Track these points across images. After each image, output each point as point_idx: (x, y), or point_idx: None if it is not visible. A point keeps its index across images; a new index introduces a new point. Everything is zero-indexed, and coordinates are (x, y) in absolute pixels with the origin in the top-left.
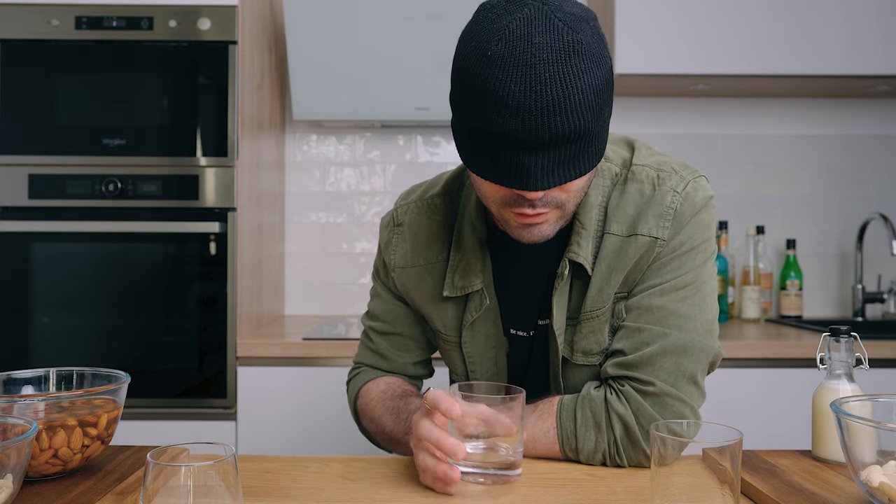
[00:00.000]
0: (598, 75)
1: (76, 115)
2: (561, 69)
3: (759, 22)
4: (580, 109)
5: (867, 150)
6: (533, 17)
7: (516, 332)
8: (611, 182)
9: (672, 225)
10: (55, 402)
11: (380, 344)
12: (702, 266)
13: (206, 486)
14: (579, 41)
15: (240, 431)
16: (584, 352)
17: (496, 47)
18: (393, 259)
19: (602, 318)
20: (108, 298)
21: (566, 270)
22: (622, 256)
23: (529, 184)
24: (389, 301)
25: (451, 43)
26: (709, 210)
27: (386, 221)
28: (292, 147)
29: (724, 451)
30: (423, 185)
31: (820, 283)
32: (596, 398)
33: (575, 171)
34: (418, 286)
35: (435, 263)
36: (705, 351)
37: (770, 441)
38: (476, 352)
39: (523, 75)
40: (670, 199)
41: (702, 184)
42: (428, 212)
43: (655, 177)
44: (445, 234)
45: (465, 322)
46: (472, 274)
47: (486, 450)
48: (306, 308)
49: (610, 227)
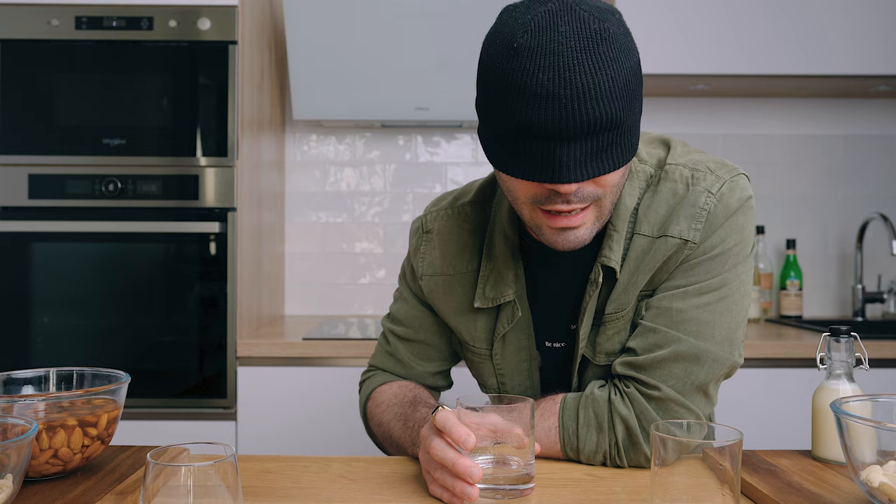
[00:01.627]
0: (627, 66)
1: (76, 115)
2: (589, 56)
3: (760, 21)
4: (610, 97)
5: (867, 150)
6: (558, 9)
7: (551, 344)
8: (645, 184)
9: (704, 227)
10: (55, 402)
11: (399, 349)
12: (732, 270)
13: (206, 486)
14: (606, 29)
15: (240, 431)
16: (608, 352)
17: (522, 39)
18: (421, 266)
19: (626, 318)
20: (108, 298)
21: (600, 277)
22: (650, 257)
23: (562, 176)
24: (415, 306)
25: (452, 43)
26: (745, 212)
27: (415, 227)
28: (292, 147)
29: (724, 451)
30: (455, 192)
31: (820, 283)
32: (599, 398)
33: (608, 163)
34: (447, 296)
35: (465, 273)
36: (720, 361)
37: (770, 441)
38: (507, 365)
39: (551, 63)
40: (704, 201)
41: (740, 183)
42: (459, 220)
43: (690, 176)
44: (476, 244)
45: (497, 334)
46: (504, 284)
47: (496, 464)
48: (306, 308)
49: (640, 228)
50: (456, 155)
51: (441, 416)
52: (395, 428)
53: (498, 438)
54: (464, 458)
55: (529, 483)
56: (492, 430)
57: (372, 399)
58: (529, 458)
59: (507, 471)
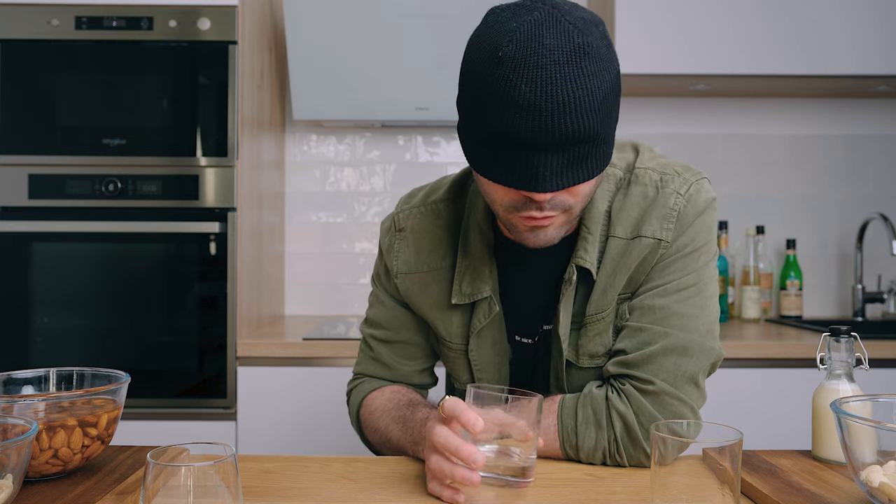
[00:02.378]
0: (607, 79)
1: (76, 115)
2: (572, 70)
3: (760, 21)
4: (590, 111)
5: (867, 150)
6: (543, 20)
7: (521, 338)
8: (615, 186)
9: (675, 227)
10: (55, 402)
11: (382, 352)
12: (704, 268)
13: (206, 486)
14: (589, 44)
15: (240, 431)
16: (591, 354)
17: (507, 48)
18: (396, 265)
19: (607, 320)
20: (108, 298)
21: (574, 276)
22: (626, 258)
23: (539, 185)
24: (392, 307)
25: (452, 43)
26: (711, 212)
27: (387, 226)
28: (292, 147)
29: (724, 451)
30: (424, 188)
31: (820, 283)
32: (597, 396)
33: (583, 173)
34: (422, 293)
35: (439, 270)
36: (706, 352)
37: (770, 441)
38: (483, 359)
39: (534, 76)
40: (673, 202)
41: (704, 186)
42: (432, 217)
43: (658, 179)
44: (450, 240)
45: (473, 329)
46: (480, 280)
47: (498, 453)
48: (306, 308)
49: (614, 231)
50: (456, 155)
51: (450, 403)
52: (393, 431)
53: (503, 432)
54: (467, 444)
55: (528, 476)
56: (497, 424)
57: (364, 406)
58: (531, 451)
59: (508, 461)
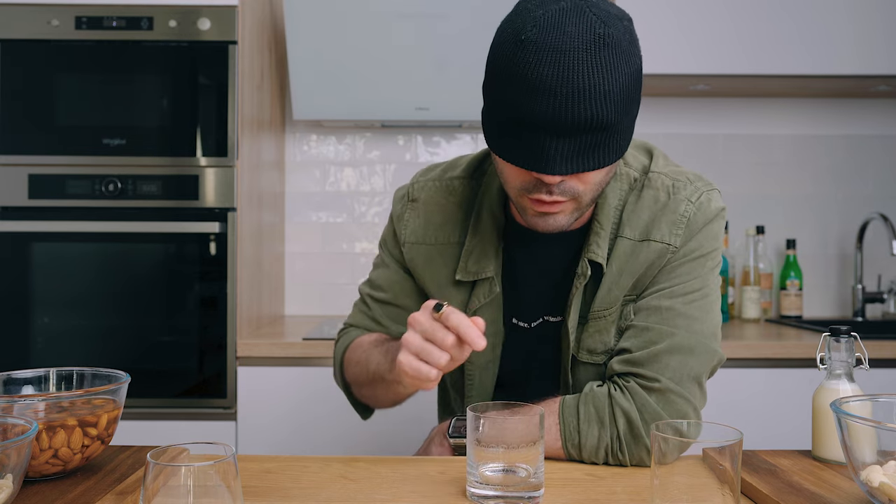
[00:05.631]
0: (626, 72)
1: (76, 115)
2: (590, 59)
3: (760, 21)
4: (605, 100)
5: (868, 150)
6: (568, 9)
7: (517, 322)
8: (628, 186)
9: (684, 232)
10: (55, 402)
11: (377, 311)
12: (710, 273)
13: (206, 486)
14: (610, 35)
15: (240, 431)
16: (589, 350)
17: (530, 32)
18: (404, 233)
19: (609, 319)
20: (108, 298)
21: (588, 270)
22: (633, 260)
23: (548, 167)
24: (396, 272)
25: (452, 43)
26: (719, 221)
27: (401, 195)
28: (292, 147)
29: (725, 451)
30: (443, 165)
31: (820, 283)
32: (599, 394)
33: (593, 161)
34: (426, 265)
35: (445, 245)
36: (710, 353)
37: (770, 441)
38: None
39: (554, 60)
40: (684, 208)
41: (714, 196)
42: (446, 192)
43: (671, 185)
44: (460, 218)
45: (471, 308)
46: (486, 259)
47: (505, 472)
48: (306, 308)
49: (623, 231)
50: (456, 155)
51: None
52: (374, 358)
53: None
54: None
55: (539, 490)
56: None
57: (350, 349)
58: (538, 466)
59: (515, 479)
